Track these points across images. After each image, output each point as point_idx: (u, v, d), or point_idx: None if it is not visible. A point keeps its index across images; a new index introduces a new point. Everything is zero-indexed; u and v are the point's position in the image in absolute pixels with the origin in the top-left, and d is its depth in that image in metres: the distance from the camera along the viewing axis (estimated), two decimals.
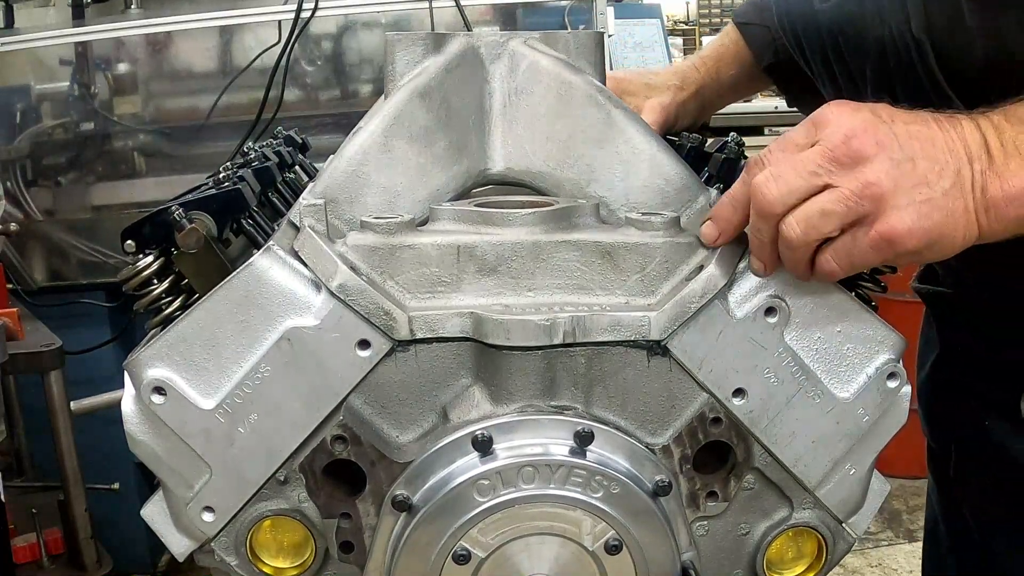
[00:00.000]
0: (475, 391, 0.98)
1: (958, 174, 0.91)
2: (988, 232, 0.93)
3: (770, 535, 1.05)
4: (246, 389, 0.96)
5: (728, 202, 0.98)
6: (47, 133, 3.36)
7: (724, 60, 1.68)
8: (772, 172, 0.93)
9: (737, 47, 1.68)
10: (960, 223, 0.91)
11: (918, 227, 0.89)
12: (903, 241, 0.90)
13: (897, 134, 0.91)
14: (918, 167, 0.90)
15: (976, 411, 1.36)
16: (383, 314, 0.94)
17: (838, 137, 0.91)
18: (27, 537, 2.68)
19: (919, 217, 0.89)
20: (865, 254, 0.91)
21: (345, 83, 3.45)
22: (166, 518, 1.03)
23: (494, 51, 1.10)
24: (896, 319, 1.03)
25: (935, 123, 0.94)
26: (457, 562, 0.96)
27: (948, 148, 0.92)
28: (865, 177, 0.89)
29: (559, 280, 0.99)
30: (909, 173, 0.90)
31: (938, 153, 0.91)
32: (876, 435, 1.02)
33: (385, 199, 1.05)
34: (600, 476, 0.94)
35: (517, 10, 3.32)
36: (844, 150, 0.90)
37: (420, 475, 0.96)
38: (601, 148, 1.08)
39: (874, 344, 1.00)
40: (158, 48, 3.32)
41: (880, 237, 0.90)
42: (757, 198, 0.94)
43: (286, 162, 1.55)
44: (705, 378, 0.97)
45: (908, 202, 0.89)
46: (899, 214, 0.89)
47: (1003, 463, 1.32)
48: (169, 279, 1.07)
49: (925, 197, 0.90)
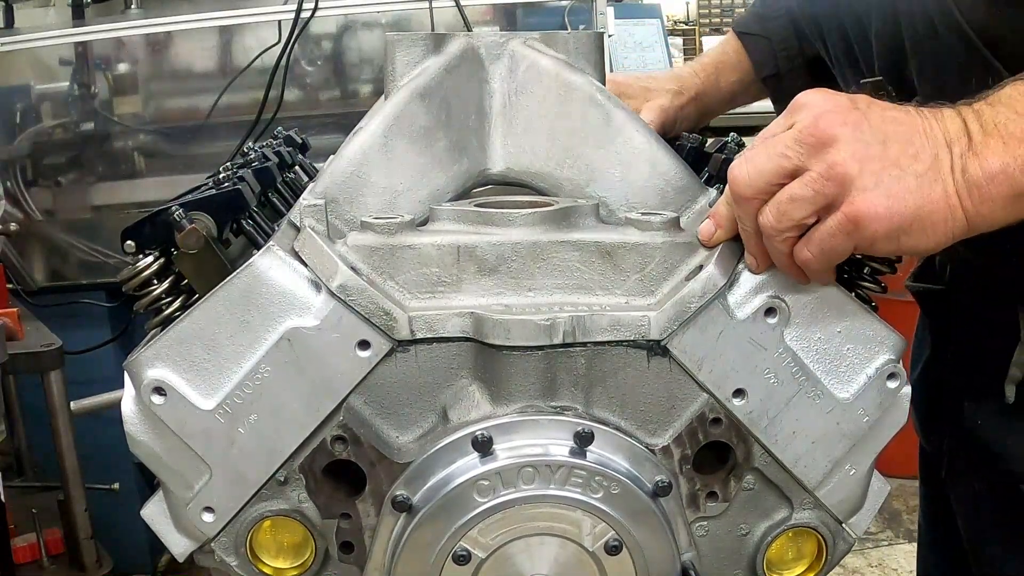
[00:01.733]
0: (475, 391, 0.98)
1: (935, 158, 0.89)
2: (977, 217, 0.90)
3: (770, 535, 1.05)
4: (246, 389, 0.96)
5: (723, 199, 0.98)
6: (47, 133, 3.36)
7: (724, 68, 1.69)
8: (745, 156, 0.93)
9: (738, 56, 1.68)
10: (940, 208, 0.89)
11: (886, 209, 0.88)
12: (870, 224, 0.88)
13: (869, 118, 0.90)
14: (889, 150, 0.89)
15: (967, 409, 1.36)
16: (383, 314, 0.94)
17: (808, 119, 0.90)
18: (27, 537, 2.67)
19: (888, 199, 0.88)
20: (835, 239, 0.90)
21: (345, 83, 3.45)
22: (166, 518, 1.03)
23: (494, 51, 1.10)
24: (896, 319, 1.03)
25: (915, 112, 0.93)
26: (457, 563, 0.96)
27: (925, 133, 0.90)
28: (831, 158, 0.88)
29: (559, 280, 0.99)
30: (879, 155, 0.88)
31: (913, 137, 0.90)
32: (876, 435, 1.02)
33: (385, 199, 1.05)
34: (600, 476, 0.94)
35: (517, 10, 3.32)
36: (811, 131, 0.89)
37: (420, 475, 0.96)
38: (601, 148, 1.08)
39: (874, 344, 1.00)
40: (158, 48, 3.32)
41: (846, 219, 0.88)
42: (730, 183, 0.94)
43: (286, 162, 1.54)
44: (705, 378, 0.97)
45: (875, 184, 0.88)
46: (865, 196, 0.88)
47: (994, 462, 1.32)
48: (169, 279, 1.07)
49: (895, 180, 0.88)
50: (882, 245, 0.91)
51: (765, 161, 0.91)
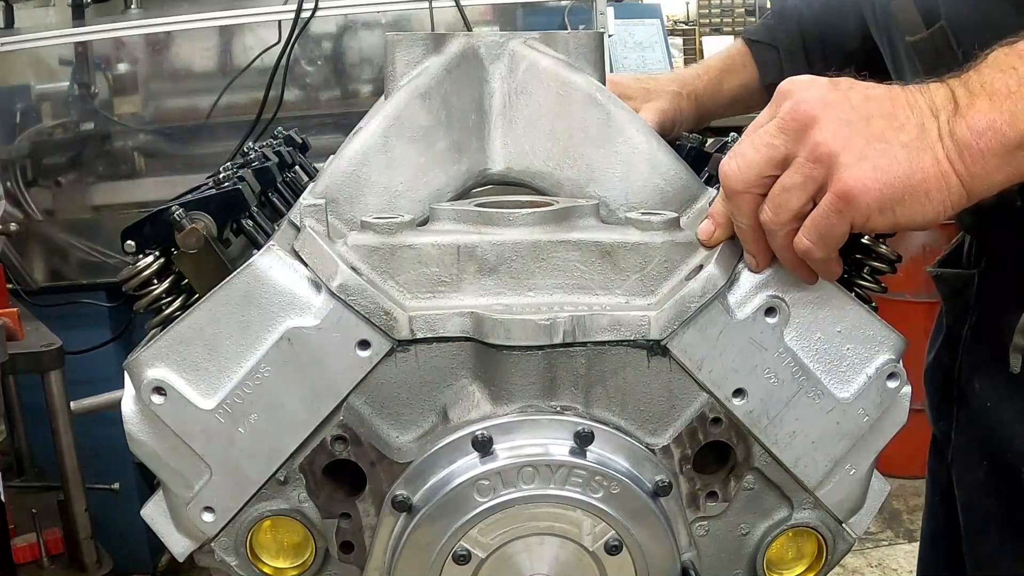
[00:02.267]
0: (475, 391, 0.98)
1: (921, 128, 0.89)
2: (972, 180, 0.89)
3: (770, 535, 1.05)
4: (246, 389, 0.96)
5: (719, 197, 0.98)
6: (47, 133, 3.36)
7: (729, 71, 1.70)
8: (734, 151, 0.93)
9: (744, 61, 1.70)
10: (931, 175, 0.88)
11: (874, 181, 0.87)
12: (859, 197, 0.87)
13: (851, 97, 0.90)
14: (872, 125, 0.89)
15: (977, 390, 1.36)
16: (383, 314, 0.94)
17: (789, 106, 0.91)
18: (27, 537, 2.67)
19: (875, 171, 0.87)
20: (829, 219, 0.89)
21: (345, 83, 3.45)
22: (166, 518, 1.03)
23: (494, 51, 1.10)
24: (896, 319, 1.03)
25: (899, 87, 0.92)
26: (457, 562, 0.96)
27: (909, 105, 0.90)
28: (813, 139, 0.88)
29: (559, 280, 0.99)
30: (861, 131, 0.88)
31: (897, 110, 0.90)
32: (876, 435, 1.02)
33: (385, 199, 1.05)
34: (600, 476, 0.94)
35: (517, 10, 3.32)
36: (793, 115, 0.90)
37: (420, 475, 0.96)
38: (601, 148, 1.08)
39: (874, 344, 1.00)
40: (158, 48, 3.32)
41: (836, 197, 0.88)
42: (722, 179, 0.94)
43: (286, 162, 1.55)
44: (705, 378, 0.97)
45: (860, 158, 0.87)
46: (851, 170, 0.87)
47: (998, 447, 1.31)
48: (169, 279, 1.07)
49: (881, 152, 0.88)
50: (877, 219, 0.90)
51: (753, 153, 0.92)
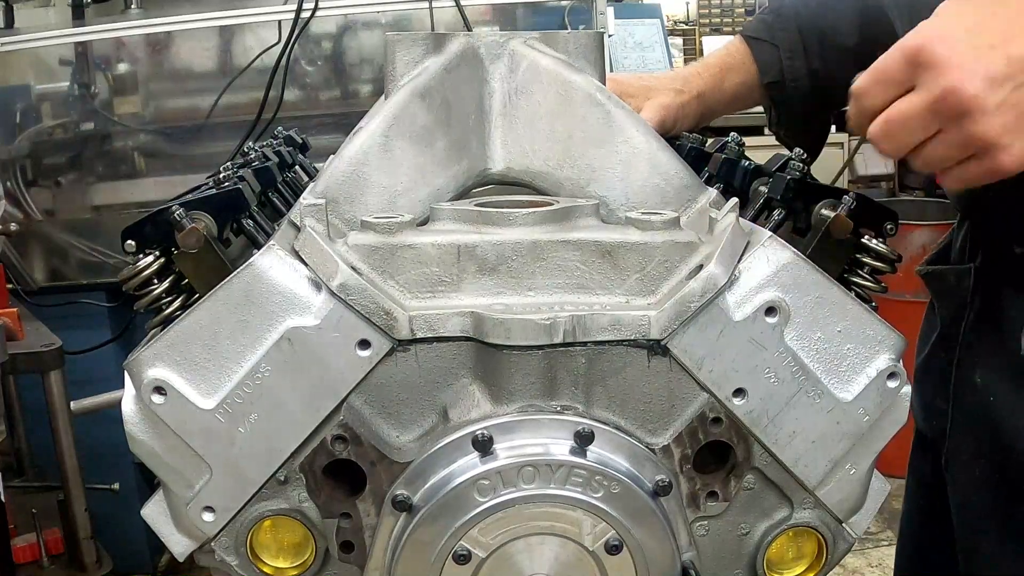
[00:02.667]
0: (475, 391, 0.98)
1: None
2: None
3: (770, 535, 1.05)
4: (246, 389, 0.96)
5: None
6: (47, 133, 3.37)
7: (729, 69, 1.70)
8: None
9: (743, 58, 1.69)
10: None
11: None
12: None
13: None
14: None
15: (980, 383, 1.35)
16: (383, 314, 0.94)
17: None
18: (27, 537, 2.68)
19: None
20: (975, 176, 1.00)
21: (345, 83, 3.45)
22: (166, 518, 1.03)
23: (494, 51, 1.10)
24: (896, 319, 1.03)
25: None
26: (457, 562, 0.96)
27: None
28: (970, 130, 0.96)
29: (559, 280, 0.99)
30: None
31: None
32: (876, 435, 1.02)
33: (385, 199, 1.05)
34: (600, 476, 0.94)
35: (517, 10, 3.32)
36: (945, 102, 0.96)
37: (420, 475, 0.96)
38: (601, 148, 1.08)
39: (874, 344, 1.00)
40: (158, 48, 3.33)
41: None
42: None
43: (286, 162, 1.55)
44: (705, 378, 0.97)
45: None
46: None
47: (1003, 440, 1.31)
48: (169, 279, 1.07)
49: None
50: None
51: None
